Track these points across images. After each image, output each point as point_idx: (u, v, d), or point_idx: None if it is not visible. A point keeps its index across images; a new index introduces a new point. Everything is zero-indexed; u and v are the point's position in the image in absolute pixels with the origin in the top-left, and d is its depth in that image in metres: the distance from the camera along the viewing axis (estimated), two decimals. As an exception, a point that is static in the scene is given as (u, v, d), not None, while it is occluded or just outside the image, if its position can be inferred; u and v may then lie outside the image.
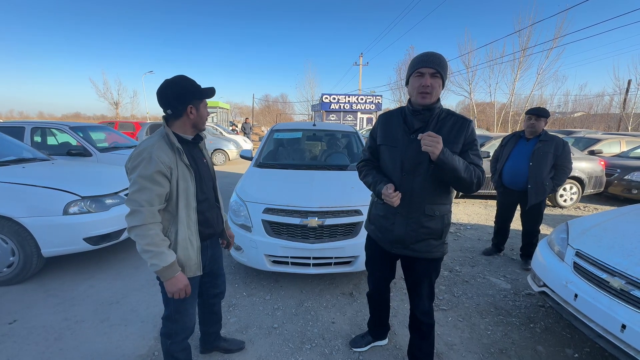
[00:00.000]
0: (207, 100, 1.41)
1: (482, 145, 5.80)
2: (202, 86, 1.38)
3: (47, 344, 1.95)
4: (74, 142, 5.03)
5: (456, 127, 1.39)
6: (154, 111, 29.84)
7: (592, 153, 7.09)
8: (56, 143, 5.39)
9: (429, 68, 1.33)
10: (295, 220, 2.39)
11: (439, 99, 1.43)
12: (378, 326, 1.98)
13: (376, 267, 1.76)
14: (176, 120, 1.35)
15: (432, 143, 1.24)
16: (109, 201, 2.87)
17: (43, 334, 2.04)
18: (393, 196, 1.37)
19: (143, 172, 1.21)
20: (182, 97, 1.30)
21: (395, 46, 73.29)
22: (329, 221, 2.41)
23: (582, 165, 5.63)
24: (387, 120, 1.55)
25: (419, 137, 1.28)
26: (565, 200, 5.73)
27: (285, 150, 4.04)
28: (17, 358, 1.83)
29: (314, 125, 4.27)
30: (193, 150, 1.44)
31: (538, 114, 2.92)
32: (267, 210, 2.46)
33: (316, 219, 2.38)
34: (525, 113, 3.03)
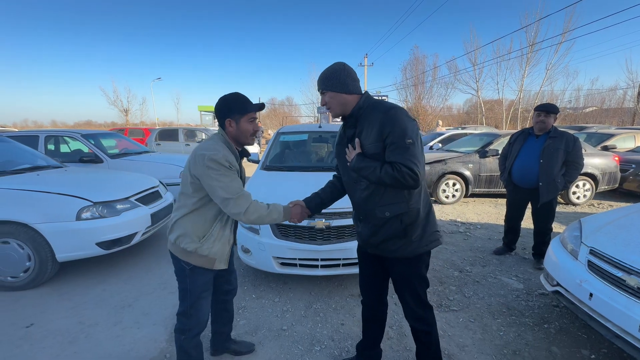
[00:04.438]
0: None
1: (490, 143, 5.71)
2: (254, 101, 1.48)
3: (61, 347, 2.00)
4: (85, 149, 5.15)
5: (372, 124, 1.35)
6: (163, 117, 30.34)
7: (605, 148, 6.92)
8: (69, 150, 5.54)
9: (319, 91, 1.45)
10: (302, 222, 2.39)
11: (361, 98, 1.41)
12: (365, 349, 1.79)
13: (363, 270, 1.70)
14: (224, 132, 1.47)
15: (348, 156, 1.43)
16: (120, 206, 2.92)
17: (58, 337, 2.09)
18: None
19: (222, 169, 1.33)
20: (221, 111, 1.44)
21: (400, 46, 72.58)
22: (336, 222, 2.41)
23: (595, 161, 5.50)
24: (338, 133, 1.59)
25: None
26: (578, 198, 5.60)
27: (291, 153, 4.05)
28: (33, 361, 1.88)
29: (320, 127, 4.27)
30: (238, 161, 1.54)
31: (547, 110, 2.88)
32: (274, 213, 2.47)
33: (323, 220, 2.38)
34: (534, 109, 2.99)
